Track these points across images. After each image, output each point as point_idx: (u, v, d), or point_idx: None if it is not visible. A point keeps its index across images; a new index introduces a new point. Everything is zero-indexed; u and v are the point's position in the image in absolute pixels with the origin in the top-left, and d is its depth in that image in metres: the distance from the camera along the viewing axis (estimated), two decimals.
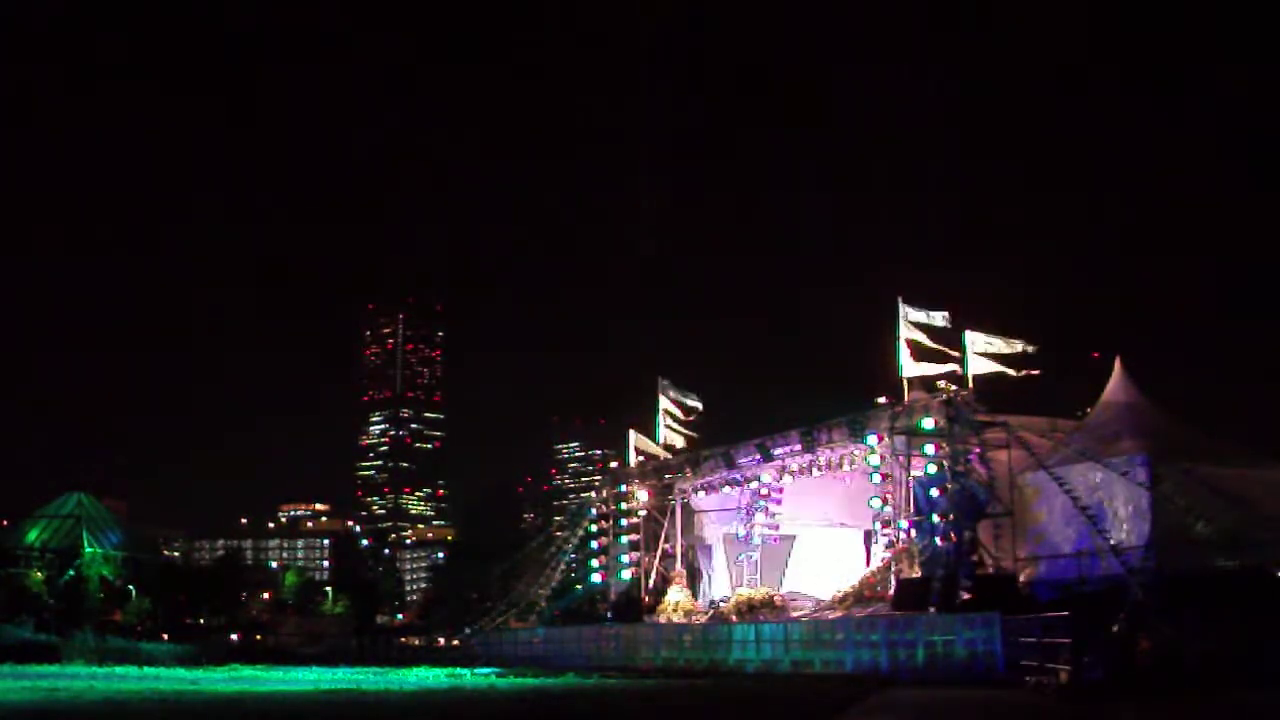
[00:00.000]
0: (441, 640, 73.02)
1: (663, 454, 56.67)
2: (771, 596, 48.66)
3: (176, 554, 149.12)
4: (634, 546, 56.58)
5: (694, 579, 55.08)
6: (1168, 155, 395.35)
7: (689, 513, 56.16)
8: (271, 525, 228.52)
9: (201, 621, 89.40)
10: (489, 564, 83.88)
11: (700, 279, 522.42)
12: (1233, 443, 40.61)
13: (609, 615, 55.86)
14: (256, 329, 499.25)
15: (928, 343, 42.07)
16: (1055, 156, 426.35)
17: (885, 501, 42.68)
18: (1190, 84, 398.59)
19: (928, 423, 39.93)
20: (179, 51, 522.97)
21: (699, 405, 56.54)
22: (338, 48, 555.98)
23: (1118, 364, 42.02)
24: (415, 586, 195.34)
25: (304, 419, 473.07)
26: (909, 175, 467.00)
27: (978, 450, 39.18)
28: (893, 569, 41.40)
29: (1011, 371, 40.45)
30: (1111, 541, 35.47)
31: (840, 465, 46.78)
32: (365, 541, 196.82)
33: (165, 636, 74.47)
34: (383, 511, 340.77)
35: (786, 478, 50.43)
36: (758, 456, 49.13)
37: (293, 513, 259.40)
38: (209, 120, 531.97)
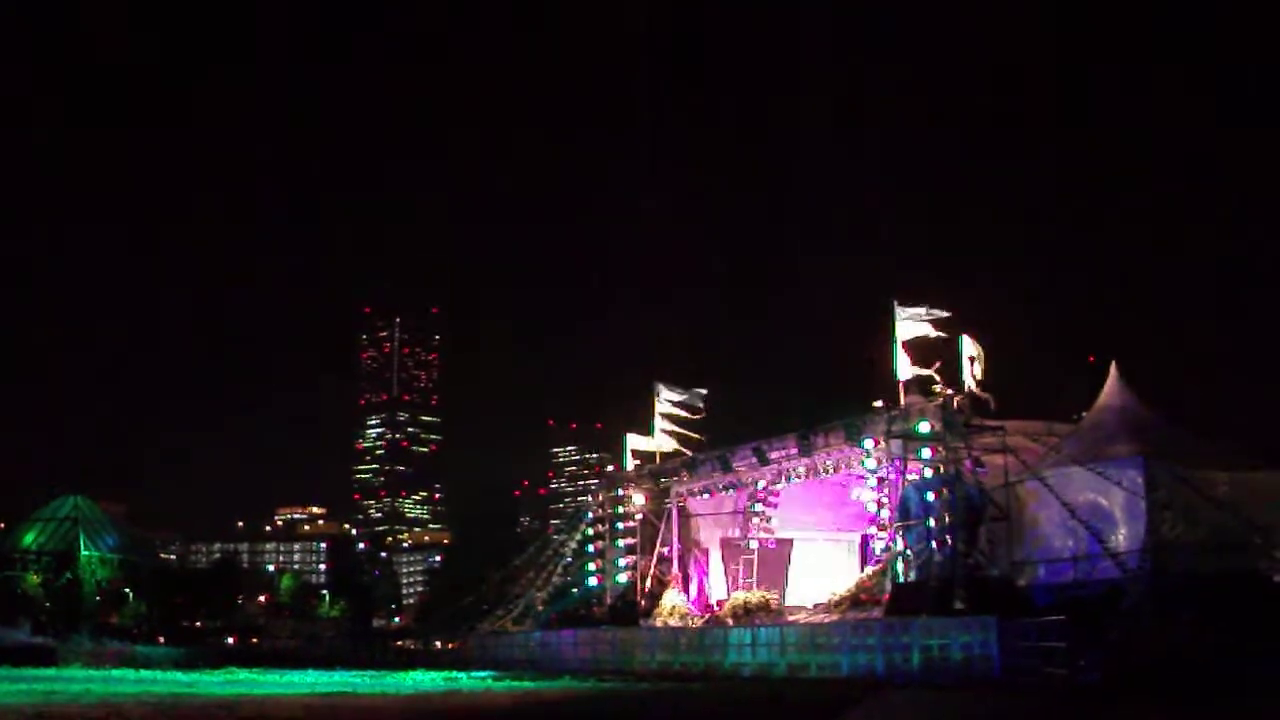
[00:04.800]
0: (438, 643, 73.05)
1: (659, 458, 56.69)
2: (767, 600, 48.70)
3: (173, 557, 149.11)
4: (630, 550, 56.53)
5: (690, 582, 55.07)
6: (1167, 154, 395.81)
7: (685, 516, 56.15)
8: (268, 528, 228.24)
9: (198, 624, 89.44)
10: (485, 567, 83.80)
11: (699, 281, 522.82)
12: (1228, 445, 40.65)
13: (605, 619, 55.83)
14: (253, 331, 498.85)
15: (925, 346, 42.15)
16: (1054, 156, 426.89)
17: (881, 505, 42.73)
18: (1190, 83, 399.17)
19: (924, 427, 39.97)
20: (177, 49, 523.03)
21: (700, 396, 56.36)
22: (337, 46, 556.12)
23: (1113, 368, 42.12)
24: (412, 590, 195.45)
25: (301, 422, 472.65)
26: (909, 175, 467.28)
27: (974, 454, 39.24)
28: (889, 573, 41.44)
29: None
30: (1108, 545, 35.53)
31: (836, 469, 46.82)
32: (362, 545, 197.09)
33: (162, 639, 74.53)
34: (379, 515, 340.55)
35: (782, 481, 50.47)
36: (754, 460, 49.15)
37: (289, 516, 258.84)
38: (207, 120, 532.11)
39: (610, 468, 70.61)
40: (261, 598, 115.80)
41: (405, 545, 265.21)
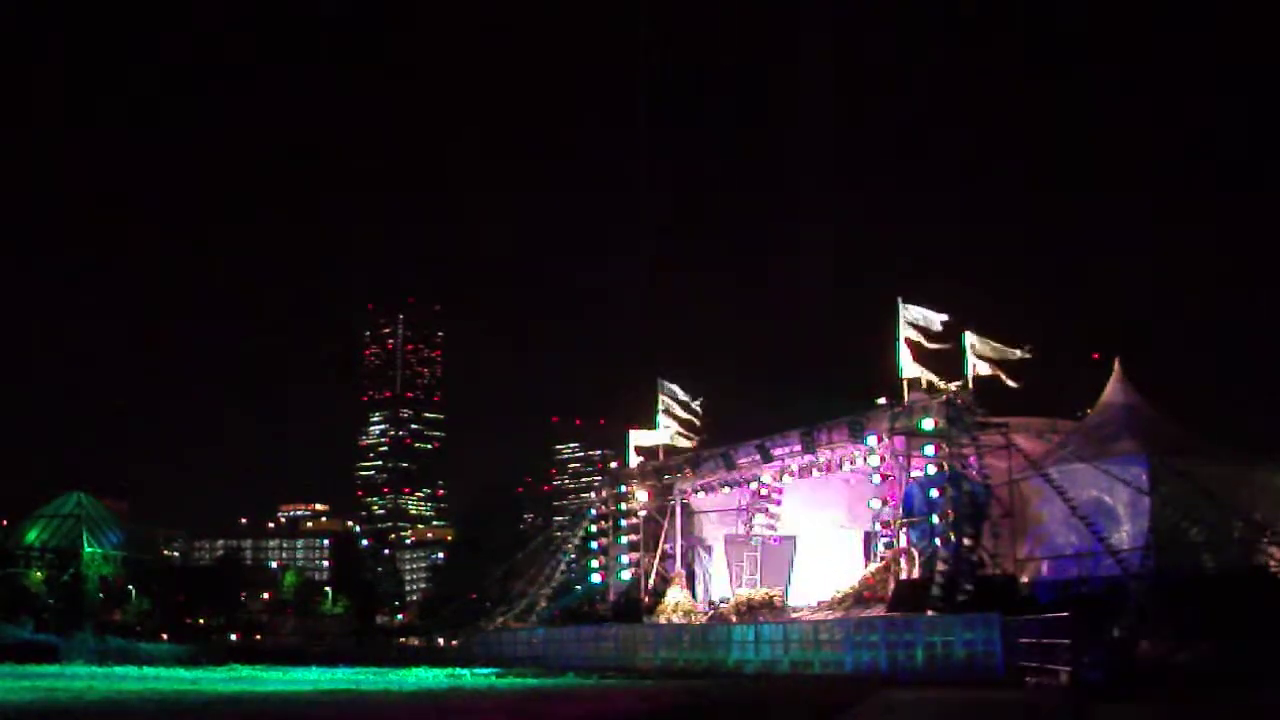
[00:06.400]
0: (441, 640, 73.00)
1: (662, 454, 56.71)
2: (771, 597, 48.69)
3: (176, 554, 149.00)
4: (633, 547, 56.59)
5: (693, 579, 55.11)
6: (1167, 154, 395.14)
7: (689, 513, 56.19)
8: (271, 525, 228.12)
9: (201, 621, 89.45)
10: (488, 564, 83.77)
11: (700, 279, 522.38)
12: (1230, 444, 40.69)
13: (609, 616, 55.85)
14: (256, 328, 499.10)
15: (928, 343, 42.17)
16: (1055, 156, 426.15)
17: (885, 502, 42.76)
18: (1189, 82, 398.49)
19: (927, 423, 39.99)
20: (176, 48, 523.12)
21: (704, 392, 56.57)
22: (337, 47, 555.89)
23: (1117, 365, 42.10)
24: (415, 587, 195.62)
25: (304, 419, 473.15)
26: (910, 175, 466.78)
27: (978, 451, 39.23)
28: (892, 570, 41.45)
29: (1006, 378, 40.61)
30: (1111, 542, 35.52)
31: (840, 466, 46.83)
32: (365, 542, 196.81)
33: (165, 636, 74.48)
34: (382, 511, 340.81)
35: (786, 478, 50.45)
36: (757, 457, 49.16)
37: (292, 513, 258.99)
38: (207, 120, 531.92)
39: (614, 464, 70.47)
40: (265, 595, 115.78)
41: (408, 542, 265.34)
